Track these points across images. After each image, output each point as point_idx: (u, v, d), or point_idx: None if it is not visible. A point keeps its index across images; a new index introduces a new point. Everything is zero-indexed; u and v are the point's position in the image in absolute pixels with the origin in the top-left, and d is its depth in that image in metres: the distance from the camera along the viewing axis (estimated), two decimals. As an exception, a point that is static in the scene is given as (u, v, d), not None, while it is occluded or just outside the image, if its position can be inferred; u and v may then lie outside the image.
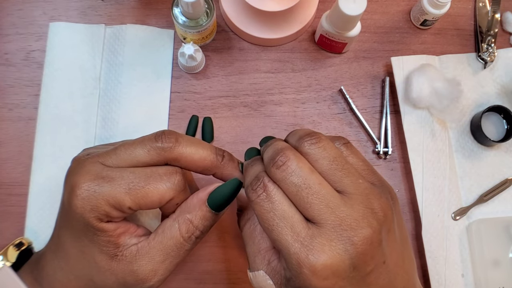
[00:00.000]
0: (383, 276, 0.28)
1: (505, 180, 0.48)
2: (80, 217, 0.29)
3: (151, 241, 0.31)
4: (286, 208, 0.27)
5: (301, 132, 0.30)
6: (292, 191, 0.27)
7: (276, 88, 0.51)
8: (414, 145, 0.48)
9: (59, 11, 0.51)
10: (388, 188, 0.31)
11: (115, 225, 0.30)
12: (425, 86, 0.47)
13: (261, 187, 0.28)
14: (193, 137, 0.33)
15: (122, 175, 0.30)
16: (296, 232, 0.27)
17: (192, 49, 0.47)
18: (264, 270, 0.29)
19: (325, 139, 0.30)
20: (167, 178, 0.30)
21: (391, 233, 0.28)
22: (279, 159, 0.28)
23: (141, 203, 0.30)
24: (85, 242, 0.30)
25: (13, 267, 0.34)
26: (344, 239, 0.26)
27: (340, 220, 0.26)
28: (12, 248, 0.37)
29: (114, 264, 0.30)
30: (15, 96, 0.49)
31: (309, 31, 0.53)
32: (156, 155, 0.31)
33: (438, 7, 0.49)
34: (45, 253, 0.34)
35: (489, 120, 0.50)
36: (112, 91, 0.49)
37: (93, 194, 0.29)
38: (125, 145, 0.32)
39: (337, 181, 0.28)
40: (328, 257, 0.26)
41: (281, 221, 0.27)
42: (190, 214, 0.31)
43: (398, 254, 0.29)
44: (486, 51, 0.51)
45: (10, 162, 0.47)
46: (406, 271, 0.30)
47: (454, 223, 0.47)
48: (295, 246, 0.26)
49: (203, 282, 0.45)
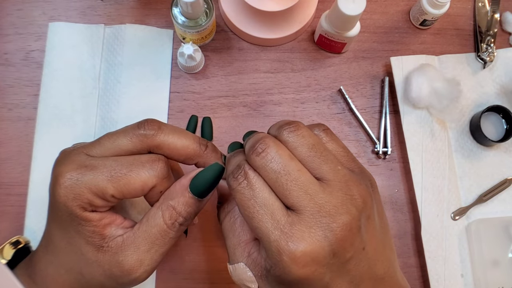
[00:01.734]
0: (363, 263, 0.28)
1: (504, 180, 0.48)
2: (64, 206, 0.29)
3: (136, 231, 0.31)
4: (267, 196, 0.27)
5: (281, 122, 0.31)
6: (272, 178, 0.28)
7: (275, 88, 0.51)
8: (413, 145, 0.48)
9: (58, 11, 0.51)
10: (367, 175, 0.31)
11: (100, 215, 0.30)
12: (425, 86, 0.47)
13: (242, 174, 0.28)
14: (176, 126, 0.33)
15: (104, 163, 0.30)
16: (276, 220, 0.27)
17: (192, 49, 0.47)
18: (244, 262, 0.30)
19: (304, 127, 0.30)
20: (150, 165, 0.30)
21: (371, 220, 0.29)
22: (258, 146, 0.28)
23: (124, 191, 0.30)
24: (72, 233, 0.30)
25: (9, 265, 0.34)
26: (323, 225, 0.26)
27: (319, 206, 0.27)
28: (8, 246, 0.37)
29: (100, 255, 0.30)
30: (14, 96, 0.49)
31: (309, 31, 0.53)
32: (139, 143, 0.31)
33: (438, 7, 0.49)
34: (38, 249, 0.34)
35: (489, 120, 0.50)
36: (112, 91, 0.49)
37: (76, 182, 0.29)
38: (109, 134, 0.32)
39: (316, 168, 0.28)
40: (308, 244, 0.26)
41: (262, 209, 0.27)
42: (173, 200, 0.31)
43: (378, 241, 0.29)
44: (485, 51, 0.51)
45: (9, 162, 0.47)
46: (386, 258, 0.30)
47: (453, 223, 0.47)
48: (275, 233, 0.26)
49: (203, 282, 0.45)
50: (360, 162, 0.32)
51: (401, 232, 0.48)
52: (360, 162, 0.32)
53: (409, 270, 0.47)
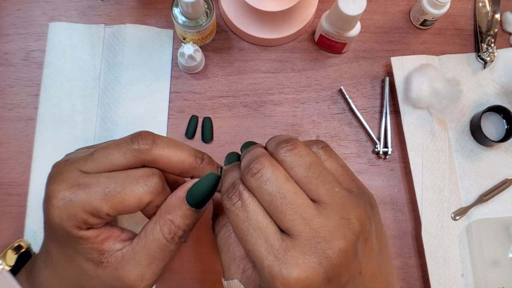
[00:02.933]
0: (359, 287, 0.27)
1: (504, 180, 0.48)
2: (59, 227, 0.29)
3: (135, 245, 0.30)
4: (261, 218, 0.27)
5: (279, 138, 0.30)
6: (267, 200, 0.27)
7: (275, 88, 0.51)
8: (413, 145, 0.48)
9: (58, 11, 0.51)
10: (367, 195, 0.30)
11: (96, 231, 0.30)
12: (425, 86, 0.47)
13: (236, 195, 0.27)
14: (171, 139, 0.32)
15: (97, 181, 0.29)
16: (270, 244, 0.26)
17: (192, 49, 0.47)
18: (238, 279, 0.29)
19: (301, 145, 0.29)
20: (144, 181, 0.30)
21: (368, 243, 0.28)
22: (254, 166, 0.27)
23: (119, 208, 0.29)
24: (70, 251, 0.30)
25: (12, 270, 0.34)
26: (318, 251, 0.25)
27: (314, 232, 0.26)
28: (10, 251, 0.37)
29: (100, 271, 0.30)
30: (14, 96, 0.49)
31: (309, 31, 0.53)
32: (133, 158, 0.30)
33: (438, 7, 0.49)
34: (38, 260, 0.34)
35: (489, 120, 0.50)
36: (112, 91, 0.49)
37: (69, 203, 0.28)
38: (102, 148, 0.31)
39: (313, 190, 0.27)
40: (302, 270, 0.25)
41: (256, 232, 0.26)
42: (171, 214, 0.31)
43: (375, 263, 0.28)
44: (486, 51, 0.51)
45: (9, 162, 0.47)
46: (383, 279, 0.29)
47: (453, 223, 0.47)
48: (268, 258, 0.26)
49: (203, 282, 0.45)
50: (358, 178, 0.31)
51: (401, 232, 0.48)
52: (360, 180, 0.31)
53: (409, 270, 0.47)
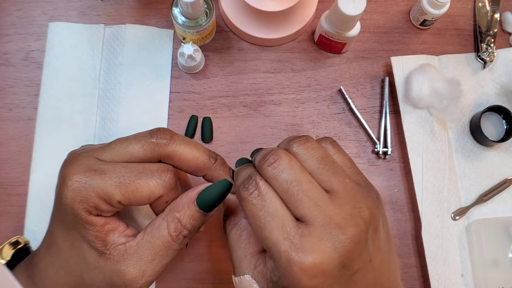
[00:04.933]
0: (370, 275, 0.28)
1: (504, 180, 0.48)
2: (70, 208, 0.29)
3: (140, 240, 0.31)
4: (277, 206, 0.28)
5: (291, 137, 0.32)
6: (284, 188, 0.28)
7: (275, 88, 0.51)
8: (413, 145, 0.48)
9: (58, 11, 0.51)
10: (373, 189, 0.32)
11: (104, 220, 0.30)
12: (425, 86, 0.47)
13: (253, 185, 0.29)
14: (187, 137, 0.34)
15: (114, 168, 0.30)
16: (287, 230, 0.27)
17: (192, 49, 0.47)
18: (250, 274, 0.30)
19: (312, 140, 0.31)
20: (158, 175, 0.31)
21: (377, 233, 0.29)
22: (270, 157, 0.29)
23: (130, 198, 0.30)
24: (75, 235, 0.30)
25: (9, 266, 0.34)
26: (333, 237, 0.27)
27: (329, 218, 0.27)
28: (7, 246, 0.37)
29: (102, 262, 0.30)
30: (14, 96, 0.49)
31: (309, 31, 0.53)
32: (150, 151, 0.31)
33: (438, 7, 0.49)
34: (39, 249, 0.34)
35: (489, 120, 0.50)
36: (112, 91, 0.49)
37: (84, 185, 0.29)
38: (120, 140, 0.32)
39: (325, 180, 0.29)
40: (318, 255, 0.26)
41: (272, 219, 0.28)
42: (179, 212, 0.31)
43: (384, 253, 0.30)
44: (485, 51, 0.51)
45: (9, 162, 0.47)
46: (391, 271, 0.30)
47: (453, 223, 0.47)
48: (285, 244, 0.27)
49: (203, 282, 0.45)
50: (363, 173, 0.33)
51: (401, 232, 0.48)
52: (363, 174, 0.32)
53: (409, 270, 0.47)
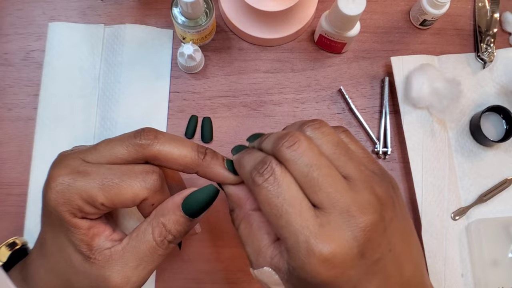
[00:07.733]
0: (390, 265, 0.27)
1: (504, 180, 0.48)
2: (54, 210, 0.29)
3: (125, 245, 0.30)
4: (295, 194, 0.26)
5: (302, 121, 0.30)
6: (303, 172, 0.26)
7: (275, 88, 0.51)
8: (413, 145, 0.48)
9: (58, 11, 0.51)
10: (389, 177, 0.30)
11: (89, 223, 0.30)
12: (425, 86, 0.47)
13: (268, 170, 0.27)
14: (174, 135, 0.32)
15: (98, 170, 0.30)
16: (305, 219, 0.26)
17: (192, 49, 0.47)
18: (267, 266, 0.29)
19: (327, 124, 0.29)
20: (142, 177, 0.30)
21: (394, 221, 0.28)
22: (289, 138, 0.27)
23: (114, 200, 0.29)
24: (62, 238, 0.30)
25: (5, 267, 0.34)
26: (352, 225, 0.25)
27: (347, 206, 0.26)
28: (4, 248, 0.37)
29: (87, 266, 0.30)
30: (14, 96, 0.49)
31: (309, 31, 0.53)
32: (135, 152, 0.31)
33: (438, 7, 0.49)
34: (33, 251, 0.34)
35: (489, 120, 0.50)
36: (111, 91, 0.49)
37: (67, 187, 0.29)
38: (106, 141, 0.32)
39: (342, 166, 0.27)
40: (337, 245, 0.25)
41: (290, 207, 0.26)
42: (164, 217, 0.31)
43: (404, 243, 0.28)
44: (485, 51, 0.51)
45: (9, 162, 0.47)
46: (413, 260, 0.29)
47: (453, 223, 0.47)
48: (304, 233, 0.25)
49: (203, 282, 0.45)
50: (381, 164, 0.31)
51: (401, 232, 0.48)
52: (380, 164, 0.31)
53: (409, 270, 0.47)
